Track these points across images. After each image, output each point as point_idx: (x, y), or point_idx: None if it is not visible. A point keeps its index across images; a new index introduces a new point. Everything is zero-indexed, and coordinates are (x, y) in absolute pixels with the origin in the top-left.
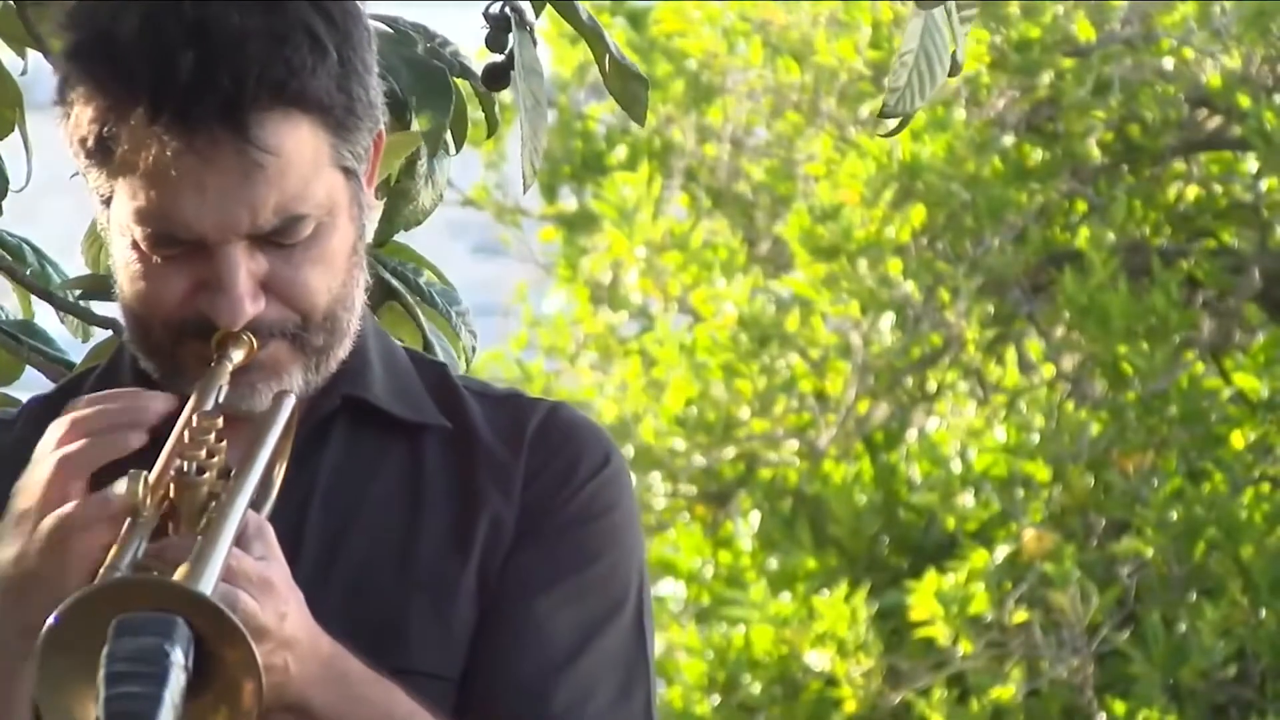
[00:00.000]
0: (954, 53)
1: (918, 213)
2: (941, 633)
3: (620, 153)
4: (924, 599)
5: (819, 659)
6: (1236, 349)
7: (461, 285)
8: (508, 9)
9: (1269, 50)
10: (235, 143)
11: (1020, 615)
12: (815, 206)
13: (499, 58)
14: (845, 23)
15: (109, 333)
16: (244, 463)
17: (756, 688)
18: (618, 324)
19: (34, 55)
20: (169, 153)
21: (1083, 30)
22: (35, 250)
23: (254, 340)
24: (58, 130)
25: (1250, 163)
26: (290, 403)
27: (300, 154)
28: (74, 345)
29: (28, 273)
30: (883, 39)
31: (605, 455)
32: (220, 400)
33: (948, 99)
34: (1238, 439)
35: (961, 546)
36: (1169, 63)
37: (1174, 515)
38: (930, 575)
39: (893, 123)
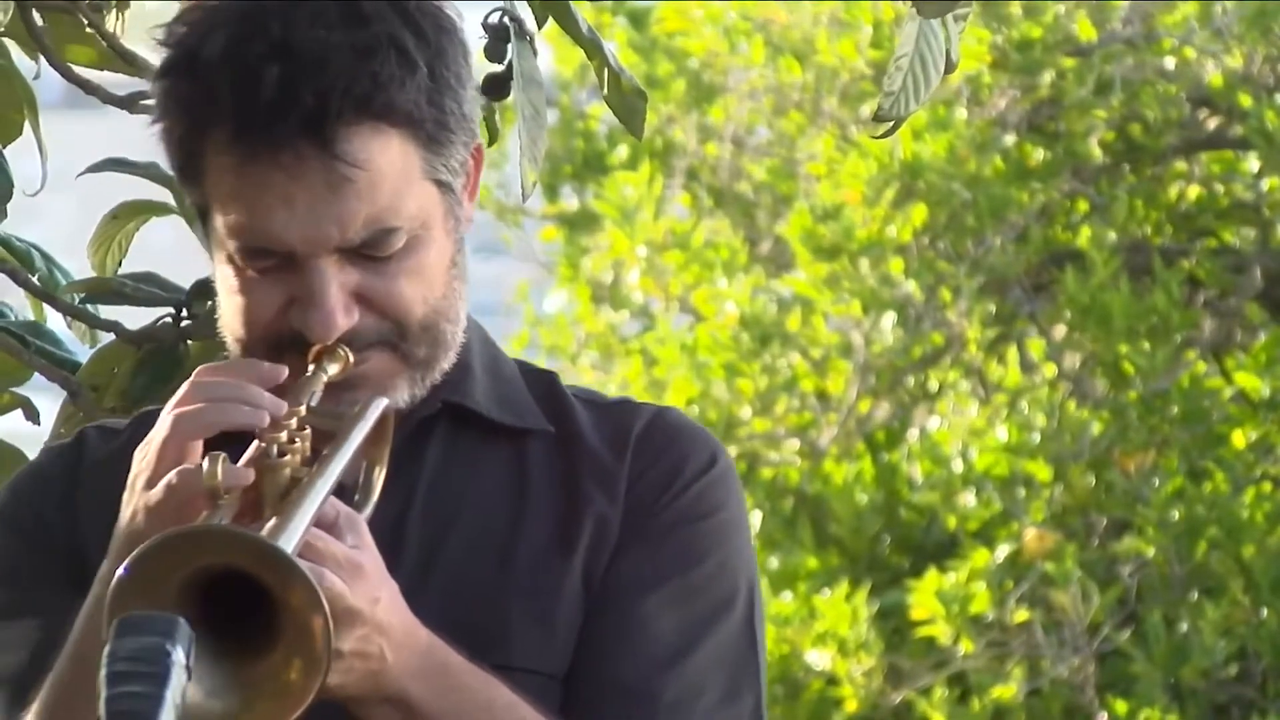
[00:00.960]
0: (948, 51)
1: (919, 212)
2: (942, 632)
3: (621, 152)
4: (925, 598)
5: (820, 658)
6: (1238, 348)
7: None
8: (507, 19)
9: (1270, 50)
10: (321, 158)
11: (1021, 614)
12: (817, 206)
13: (499, 67)
14: (847, 22)
15: (113, 336)
16: (327, 453)
17: None
18: (619, 323)
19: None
20: (256, 169)
21: (1084, 30)
22: (44, 255)
23: (350, 354)
24: (62, 131)
25: (1252, 162)
26: (381, 405)
27: (390, 167)
28: (82, 346)
29: (35, 277)
30: (884, 39)
31: (712, 456)
32: (312, 406)
33: (949, 98)
34: (1239, 438)
35: (963, 546)
36: (1170, 62)
37: (1175, 515)
38: (931, 574)
39: (885, 125)
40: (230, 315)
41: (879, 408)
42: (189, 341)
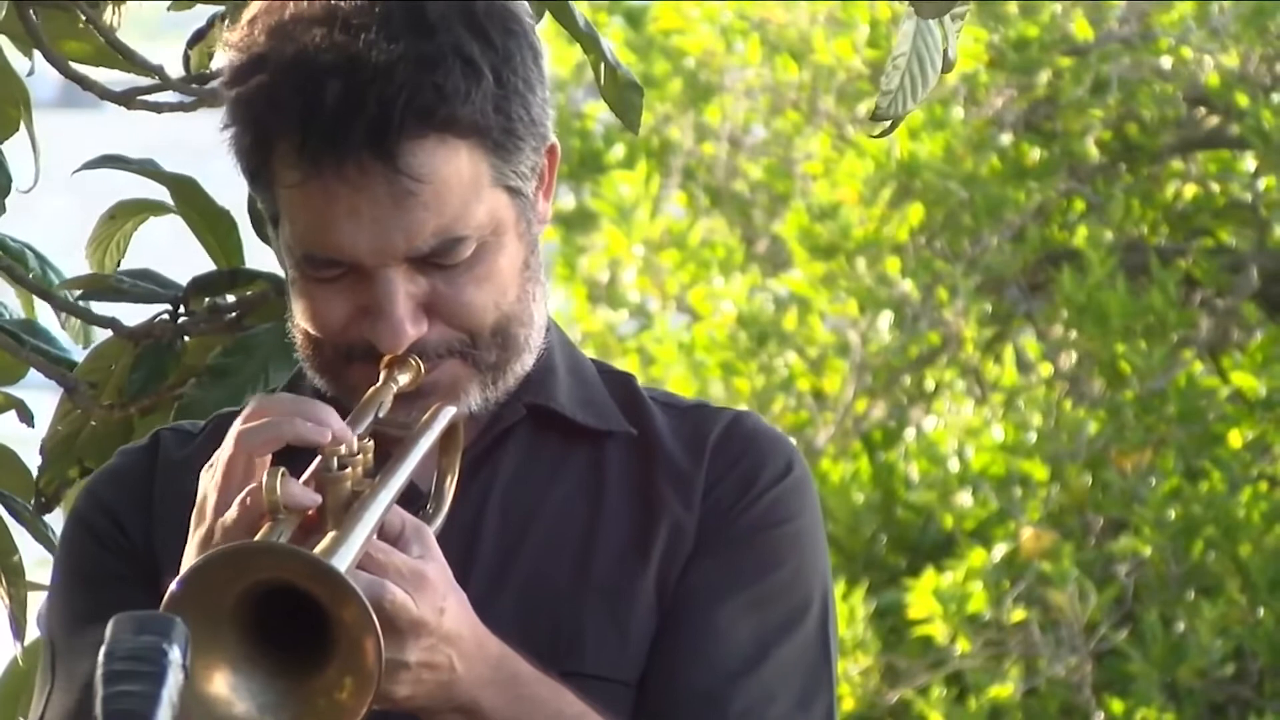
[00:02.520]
0: (946, 50)
1: (915, 211)
2: (939, 631)
3: (618, 151)
4: (922, 597)
5: None
6: (1234, 348)
7: None
8: None
9: (1267, 49)
10: (385, 171)
11: (1018, 614)
12: (814, 205)
13: None
14: (843, 21)
15: (109, 333)
16: (390, 463)
17: None
18: (616, 323)
19: (38, 54)
20: (321, 180)
21: (1080, 29)
22: (38, 255)
23: (421, 364)
24: (58, 128)
25: (1248, 161)
26: (449, 414)
27: (457, 178)
28: (75, 345)
29: (29, 276)
30: (881, 38)
31: (788, 463)
32: (381, 417)
33: (945, 98)
34: (1236, 438)
35: (959, 545)
36: (1167, 61)
37: (1172, 514)
38: (929, 574)
39: (884, 124)
40: (302, 318)
41: (875, 407)
42: (186, 338)
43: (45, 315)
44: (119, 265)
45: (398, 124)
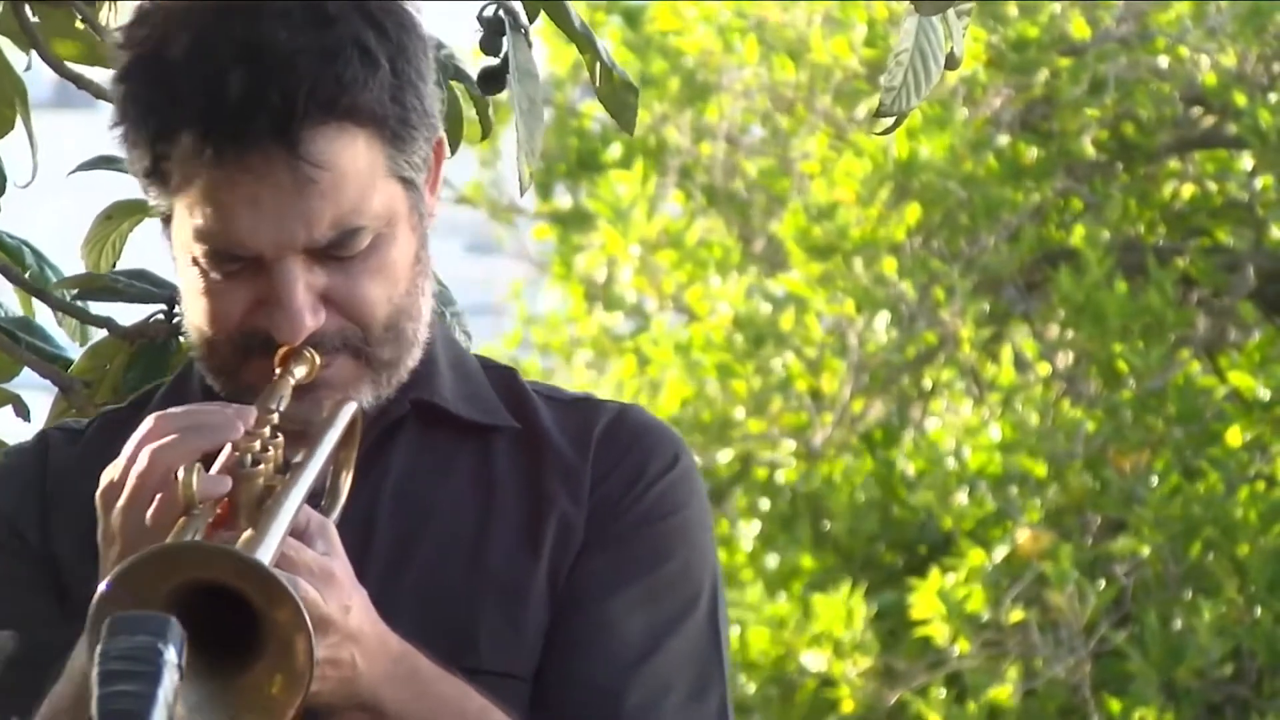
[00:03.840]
0: (951, 49)
1: (913, 211)
2: (939, 632)
3: (615, 150)
4: (925, 599)
5: (815, 659)
6: (1231, 347)
7: (455, 283)
8: (501, 12)
9: (1264, 48)
10: (288, 159)
11: (1017, 614)
12: (811, 205)
13: (494, 60)
14: (841, 21)
15: (105, 332)
16: (301, 460)
17: (752, 688)
18: (613, 323)
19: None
20: (223, 171)
21: (1078, 28)
22: (35, 253)
23: (316, 356)
24: (53, 128)
25: (1245, 161)
26: (350, 409)
27: (355, 167)
28: (72, 343)
29: (26, 275)
30: (878, 37)
31: (674, 455)
32: (282, 410)
33: (944, 98)
34: (1233, 437)
35: (958, 545)
36: (1164, 61)
37: (1170, 514)
38: (933, 575)
39: (888, 121)
40: (197, 318)
41: (873, 407)
42: (181, 337)
43: (42, 314)
44: (114, 265)
45: (301, 113)
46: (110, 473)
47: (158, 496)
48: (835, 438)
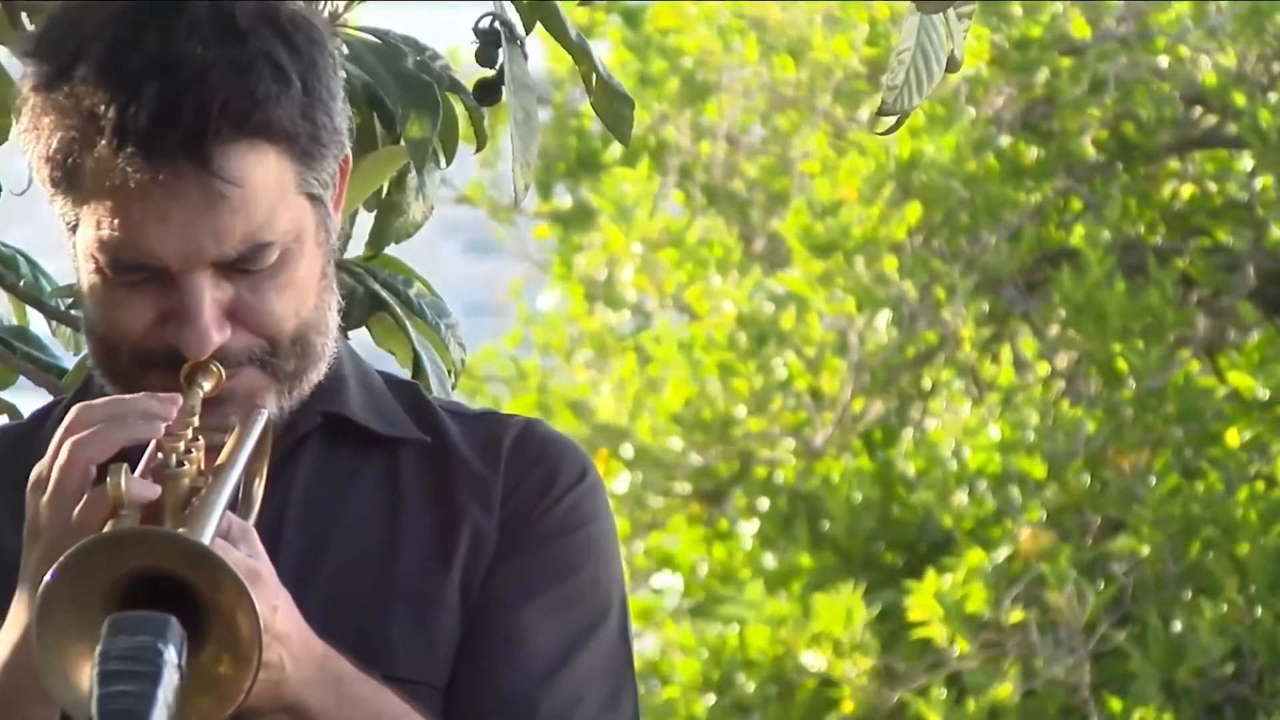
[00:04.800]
0: (952, 50)
1: (914, 210)
2: (938, 633)
3: (615, 150)
4: (924, 599)
5: (814, 659)
6: (1231, 347)
7: (455, 283)
8: (498, 24)
9: (1264, 48)
10: (199, 174)
11: (1017, 615)
12: (814, 203)
13: (489, 72)
14: (841, 20)
15: None
16: (223, 462)
17: (751, 687)
18: (614, 322)
19: None
20: (132, 184)
21: (1078, 28)
22: (30, 261)
23: (222, 370)
24: None
25: (1245, 161)
26: (263, 417)
27: (265, 183)
28: (66, 351)
29: (21, 283)
30: (879, 36)
31: (582, 469)
32: (194, 425)
33: (946, 98)
34: (1233, 437)
35: (957, 544)
36: (1164, 61)
37: (1170, 513)
38: (930, 576)
39: (890, 120)
40: (99, 327)
41: (873, 406)
42: None
43: (36, 323)
44: None
45: (214, 128)
46: (40, 466)
47: (85, 496)
48: (835, 437)
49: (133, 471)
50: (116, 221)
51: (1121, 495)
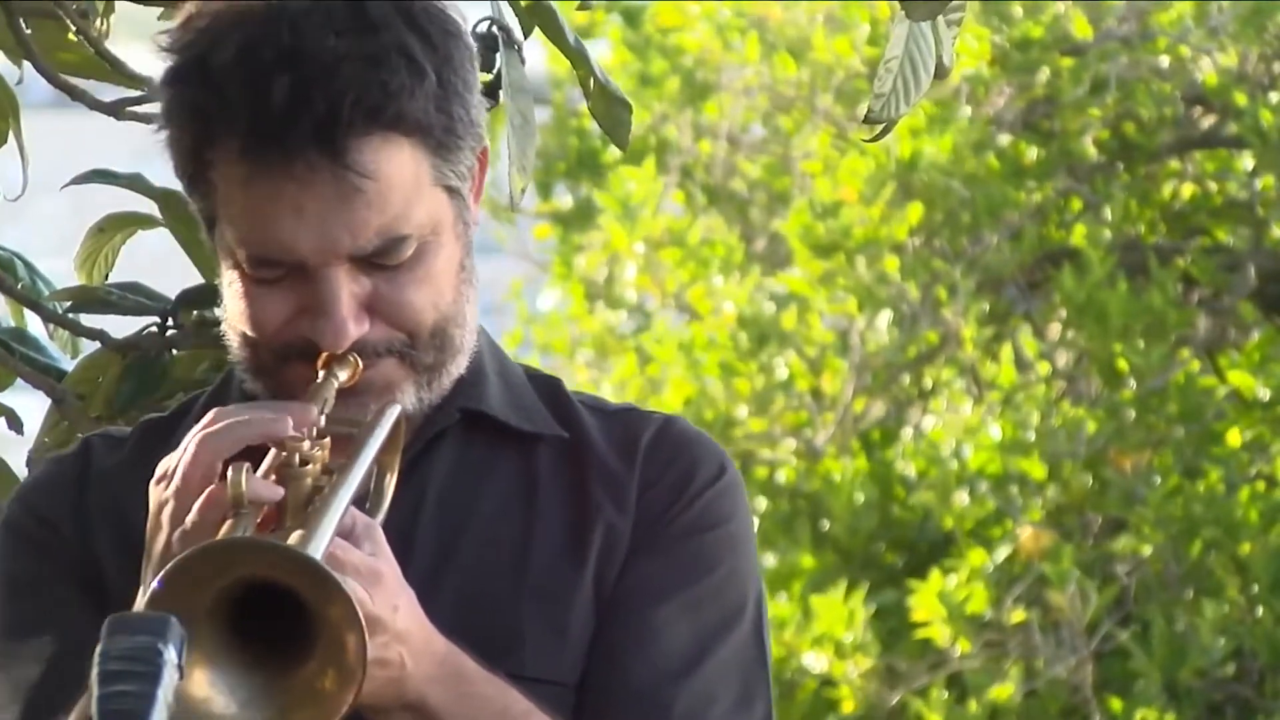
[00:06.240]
0: (940, 57)
1: (915, 210)
2: (940, 632)
3: (616, 150)
4: (926, 599)
5: (816, 660)
6: (1232, 347)
7: None
8: (495, 28)
9: (1265, 48)
10: (332, 168)
11: (1018, 615)
12: (815, 203)
13: (487, 76)
14: (842, 20)
15: (97, 345)
16: (347, 461)
17: None
18: (614, 322)
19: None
20: (268, 179)
21: (1079, 28)
22: (27, 264)
23: (359, 360)
24: (52, 130)
25: (1246, 161)
26: (395, 411)
27: (400, 176)
28: (64, 354)
29: (18, 285)
30: (880, 36)
31: (720, 466)
32: (326, 413)
33: (946, 98)
34: (1234, 437)
35: (958, 545)
36: (1165, 61)
37: (1171, 513)
38: (934, 576)
39: (876, 128)
40: (238, 322)
41: (874, 406)
42: (174, 351)
43: (34, 326)
44: (107, 278)
45: (346, 121)
46: (166, 462)
47: (205, 492)
48: (836, 437)
49: (256, 470)
50: (251, 217)
51: (1123, 495)
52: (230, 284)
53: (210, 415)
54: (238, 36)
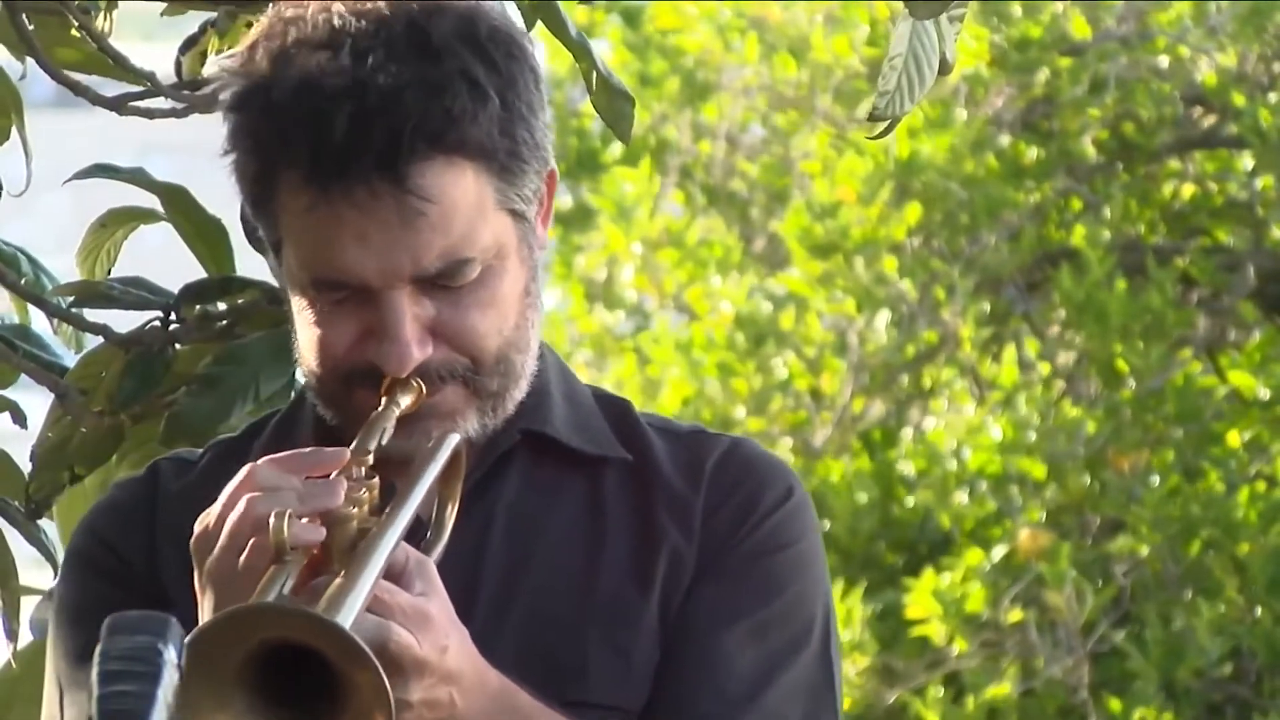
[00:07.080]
0: (944, 53)
1: (913, 210)
2: (937, 632)
3: (615, 150)
4: (922, 598)
5: None
6: (1231, 347)
7: None
8: None
9: (1264, 48)
10: (395, 193)
11: (1016, 614)
12: (814, 203)
13: None
14: (842, 20)
15: (101, 339)
16: (397, 499)
17: None
18: (613, 322)
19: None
20: (329, 207)
21: (1078, 28)
22: (30, 260)
23: (423, 386)
24: (54, 128)
25: (1245, 161)
26: (453, 441)
27: (464, 199)
28: (67, 350)
29: (22, 281)
30: (879, 37)
31: (788, 488)
32: (384, 443)
33: (946, 98)
34: (1233, 437)
35: (957, 545)
36: (1164, 61)
37: (1170, 514)
38: (928, 575)
39: (880, 125)
40: (305, 347)
41: (873, 406)
42: (177, 345)
43: (38, 321)
44: (109, 273)
45: (407, 147)
46: (204, 519)
47: (251, 542)
48: (835, 437)
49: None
50: (315, 243)
51: (1121, 495)
52: (299, 312)
53: (262, 469)
54: (299, 64)
